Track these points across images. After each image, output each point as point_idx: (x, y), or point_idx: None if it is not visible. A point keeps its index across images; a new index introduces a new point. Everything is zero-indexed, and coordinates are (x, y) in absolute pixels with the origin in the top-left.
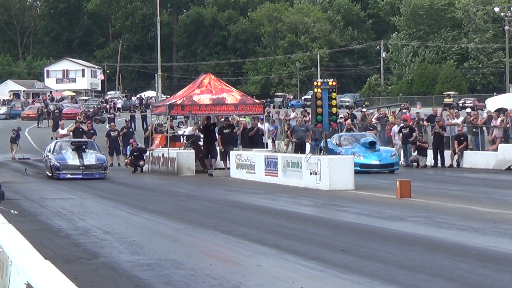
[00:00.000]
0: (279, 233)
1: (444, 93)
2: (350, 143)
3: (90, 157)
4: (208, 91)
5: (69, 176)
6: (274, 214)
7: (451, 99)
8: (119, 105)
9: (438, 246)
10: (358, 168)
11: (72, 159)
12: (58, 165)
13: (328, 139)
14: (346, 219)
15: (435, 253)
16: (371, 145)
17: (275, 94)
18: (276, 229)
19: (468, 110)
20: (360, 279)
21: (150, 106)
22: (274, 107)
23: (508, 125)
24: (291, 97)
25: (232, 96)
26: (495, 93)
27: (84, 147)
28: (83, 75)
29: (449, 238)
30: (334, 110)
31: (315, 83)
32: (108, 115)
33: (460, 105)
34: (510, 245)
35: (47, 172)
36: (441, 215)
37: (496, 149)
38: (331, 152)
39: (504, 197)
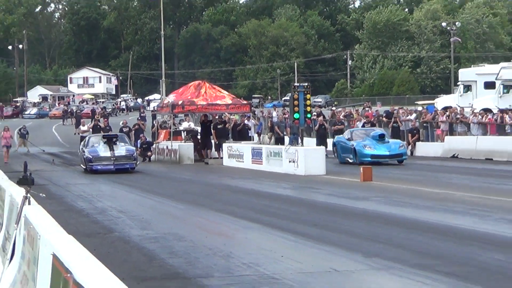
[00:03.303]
0: (263, 211)
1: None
2: (360, 137)
3: (121, 149)
4: (205, 99)
5: (100, 168)
6: (259, 196)
7: None
8: (123, 106)
9: (395, 221)
10: (369, 159)
11: (103, 151)
12: (91, 157)
13: (341, 135)
14: (318, 199)
15: (392, 227)
16: (381, 138)
17: (253, 96)
18: (261, 208)
19: (420, 108)
20: (330, 249)
21: (155, 107)
22: (252, 107)
23: (453, 120)
24: (269, 98)
25: (224, 101)
26: (442, 94)
27: (114, 139)
28: (100, 81)
29: (404, 214)
30: (308, 109)
31: (293, 87)
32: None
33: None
34: (454, 220)
35: (82, 166)
36: (397, 195)
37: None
38: (344, 146)
39: (449, 180)
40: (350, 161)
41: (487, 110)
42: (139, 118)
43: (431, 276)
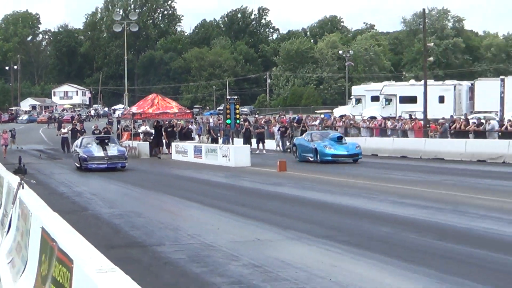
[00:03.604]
0: (203, 194)
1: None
2: (320, 138)
3: (113, 149)
4: (157, 109)
5: (94, 166)
6: (200, 182)
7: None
8: (94, 114)
9: (305, 202)
10: (330, 158)
11: (97, 151)
12: (86, 157)
13: (301, 136)
14: (245, 185)
15: (302, 206)
16: (339, 139)
17: (194, 106)
18: (202, 191)
19: (322, 115)
20: (255, 223)
21: (119, 115)
22: (193, 115)
23: (347, 125)
24: (207, 108)
25: (172, 110)
26: (339, 106)
27: (106, 141)
28: (77, 94)
29: (311, 196)
30: (237, 116)
31: (226, 99)
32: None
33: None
34: (349, 201)
35: (76, 164)
36: (306, 182)
37: None
38: (304, 147)
39: (346, 170)
40: (311, 159)
41: (373, 118)
42: (107, 123)
43: (333, 244)
